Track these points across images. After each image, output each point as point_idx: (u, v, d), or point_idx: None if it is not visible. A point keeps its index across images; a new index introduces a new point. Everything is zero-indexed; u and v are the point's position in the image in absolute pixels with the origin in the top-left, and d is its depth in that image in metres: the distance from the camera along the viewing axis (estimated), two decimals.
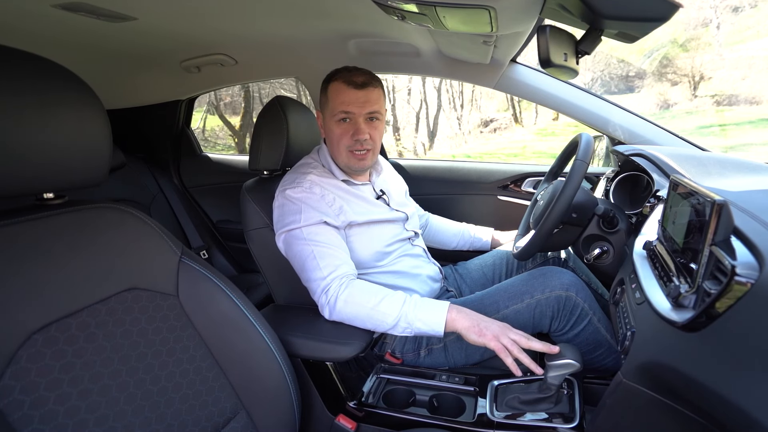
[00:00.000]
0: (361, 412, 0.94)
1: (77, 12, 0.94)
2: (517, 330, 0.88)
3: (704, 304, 0.51)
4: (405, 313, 0.91)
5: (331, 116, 1.05)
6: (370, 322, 0.93)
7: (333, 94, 1.04)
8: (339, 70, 1.05)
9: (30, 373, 0.55)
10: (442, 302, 0.94)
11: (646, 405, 0.64)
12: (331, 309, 0.94)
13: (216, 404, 0.73)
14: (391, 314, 0.91)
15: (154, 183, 1.96)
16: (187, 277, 0.75)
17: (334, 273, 0.95)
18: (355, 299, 0.93)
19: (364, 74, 1.04)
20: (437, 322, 0.90)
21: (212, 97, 8.16)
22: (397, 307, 0.91)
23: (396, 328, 0.92)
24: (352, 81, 1.02)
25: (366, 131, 1.04)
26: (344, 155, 1.07)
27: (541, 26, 0.76)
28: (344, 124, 1.04)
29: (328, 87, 1.05)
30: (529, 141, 10.83)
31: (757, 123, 8.66)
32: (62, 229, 0.64)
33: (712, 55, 11.53)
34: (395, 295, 0.94)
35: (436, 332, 0.90)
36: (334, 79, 1.04)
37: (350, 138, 1.04)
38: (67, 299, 0.61)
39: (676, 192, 0.67)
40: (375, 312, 0.92)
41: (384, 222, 1.14)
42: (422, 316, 0.91)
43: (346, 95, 1.02)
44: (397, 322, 0.91)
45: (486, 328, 0.88)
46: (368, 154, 1.08)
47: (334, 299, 0.94)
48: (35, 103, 0.57)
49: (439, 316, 0.90)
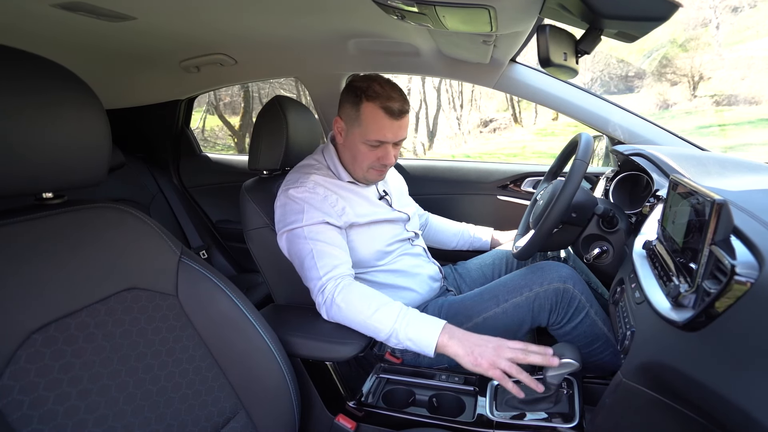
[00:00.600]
0: (360, 412, 0.94)
1: (77, 12, 0.94)
2: (513, 344, 0.84)
3: (704, 303, 0.51)
4: (396, 329, 0.88)
5: (362, 137, 1.02)
6: (365, 331, 0.92)
7: (369, 117, 1.00)
8: (373, 87, 1.00)
9: (29, 373, 0.55)
10: (437, 322, 0.89)
11: (645, 405, 0.64)
12: (328, 309, 0.94)
13: (215, 404, 0.73)
14: (383, 329, 0.89)
15: (154, 183, 1.96)
16: (187, 276, 0.75)
17: (330, 273, 0.95)
18: (351, 305, 0.92)
19: (400, 98, 1.01)
20: (427, 344, 0.86)
21: (212, 97, 8.16)
22: (391, 321, 0.89)
23: (389, 341, 0.90)
24: (390, 109, 0.99)
25: (393, 156, 1.05)
26: (364, 171, 1.07)
27: (540, 26, 0.76)
28: (374, 149, 1.04)
29: (362, 106, 1.00)
30: (528, 141, 10.83)
31: (757, 123, 8.67)
32: (61, 229, 0.64)
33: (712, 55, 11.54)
34: (391, 306, 0.91)
35: (425, 353, 0.87)
36: (370, 98, 0.99)
37: (377, 161, 1.05)
38: (66, 299, 0.61)
39: (676, 192, 0.67)
40: (370, 321, 0.90)
41: (385, 222, 1.14)
42: (413, 335, 0.87)
43: (383, 123, 1.00)
44: (389, 336, 0.89)
45: (481, 355, 0.82)
46: (386, 170, 1.10)
47: (330, 300, 0.93)
48: (34, 102, 0.57)
49: (429, 337, 0.86)
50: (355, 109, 1.01)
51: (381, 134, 1.01)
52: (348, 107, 1.03)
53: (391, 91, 1.00)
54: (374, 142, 1.02)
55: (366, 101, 1.00)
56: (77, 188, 0.65)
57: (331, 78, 1.64)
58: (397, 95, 1.00)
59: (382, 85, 1.01)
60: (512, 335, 1.04)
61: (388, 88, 1.00)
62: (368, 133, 1.01)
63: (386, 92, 1.00)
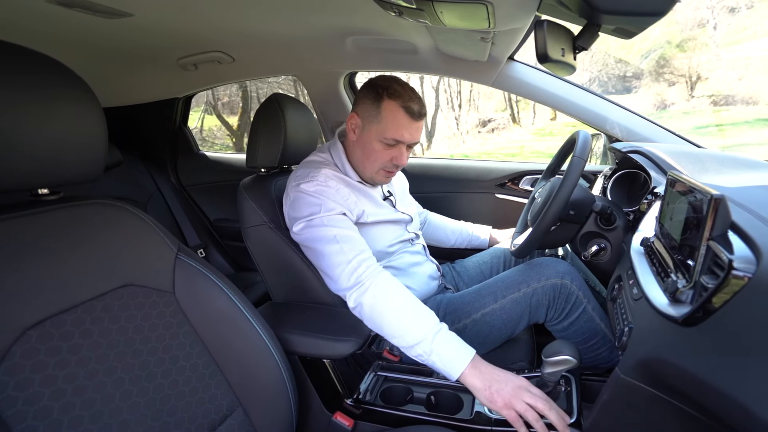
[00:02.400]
0: (358, 410, 0.94)
1: (72, 8, 0.94)
2: (536, 390, 0.80)
3: (701, 298, 0.51)
4: (428, 339, 0.84)
5: (379, 135, 1.02)
6: (392, 327, 0.88)
7: (389, 115, 1.00)
8: (394, 86, 1.00)
9: (24, 369, 0.54)
10: (469, 349, 0.86)
11: (644, 401, 0.64)
12: (360, 295, 0.90)
13: (212, 401, 0.73)
14: (416, 332, 0.85)
15: (151, 181, 1.96)
16: (184, 273, 0.75)
17: (361, 257, 0.93)
18: (390, 296, 0.89)
19: (419, 101, 1.02)
20: (454, 366, 0.83)
21: (210, 97, 8.16)
22: (427, 328, 0.86)
23: (411, 348, 0.86)
24: (411, 109, 1.00)
25: (406, 157, 1.06)
26: (374, 171, 1.07)
27: (538, 21, 0.75)
28: (390, 148, 1.04)
29: (383, 103, 1.00)
30: (527, 141, 10.85)
31: (754, 123, 8.71)
32: (57, 225, 0.63)
33: (709, 56, 11.58)
34: (430, 314, 0.89)
35: (448, 375, 0.84)
36: (392, 96, 0.99)
37: (389, 161, 1.05)
38: (62, 295, 0.60)
39: (674, 189, 0.67)
40: (405, 319, 0.87)
41: (389, 223, 1.14)
42: (444, 352, 0.84)
43: (402, 122, 1.00)
44: (417, 343, 0.85)
45: (497, 392, 0.80)
46: (395, 173, 1.11)
47: (367, 285, 0.90)
48: (30, 97, 0.56)
49: (460, 361, 0.83)
50: (376, 105, 1.01)
51: (399, 133, 1.01)
52: (367, 104, 1.03)
53: (411, 93, 1.02)
54: (391, 140, 1.02)
55: (388, 98, 1.00)
56: (73, 184, 0.65)
57: (329, 76, 1.64)
58: (416, 97, 1.02)
59: (402, 86, 1.02)
60: (510, 331, 1.04)
61: (408, 89, 1.02)
62: (387, 130, 1.01)
63: (407, 93, 1.01)
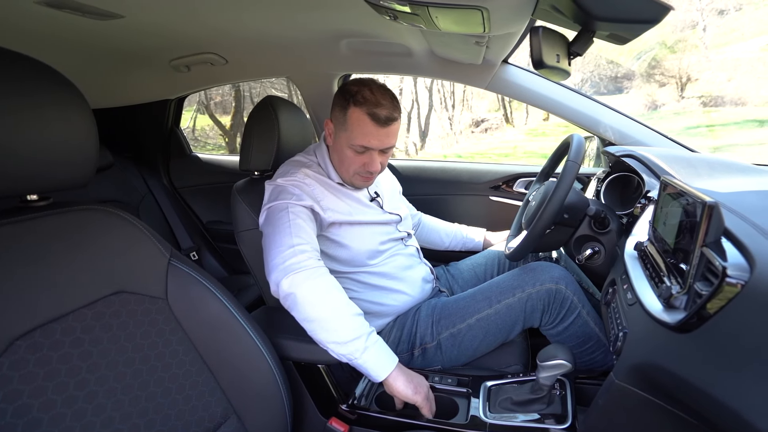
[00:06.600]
0: (353, 415, 0.94)
1: (62, 9, 0.92)
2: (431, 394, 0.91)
3: (696, 305, 0.51)
4: (360, 339, 0.86)
5: (347, 142, 1.01)
6: (320, 325, 0.86)
7: (354, 123, 0.99)
8: (363, 92, 0.98)
9: (12, 381, 0.53)
10: (392, 352, 0.90)
11: (638, 405, 0.64)
12: (296, 283, 0.87)
13: (206, 409, 0.72)
14: (348, 332, 0.85)
15: (143, 183, 1.94)
16: (177, 279, 0.74)
17: (306, 246, 0.91)
18: (324, 290, 0.88)
19: (390, 105, 0.99)
20: (385, 367, 0.87)
21: (202, 96, 8.09)
22: (361, 330, 0.87)
23: (343, 345, 0.85)
24: (377, 116, 0.97)
25: (378, 162, 1.04)
26: (350, 175, 1.06)
27: (533, 27, 0.76)
28: (360, 155, 1.03)
29: (349, 111, 0.99)
30: (520, 141, 10.91)
31: (743, 124, 8.84)
32: (47, 232, 0.62)
33: (699, 57, 11.73)
34: (362, 318, 0.90)
35: (375, 374, 0.87)
36: (357, 104, 0.98)
37: (362, 167, 1.04)
38: (51, 304, 0.59)
39: (667, 193, 0.67)
40: (339, 316, 0.87)
41: (376, 224, 1.13)
42: (376, 352, 0.87)
43: (368, 130, 0.98)
44: (348, 341, 0.85)
45: (419, 385, 0.89)
46: (373, 177, 1.09)
47: (305, 275, 0.87)
48: (18, 102, 0.55)
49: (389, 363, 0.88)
50: (343, 113, 1.01)
51: (366, 140, 1.00)
52: (337, 110, 1.03)
53: (381, 98, 0.98)
54: (359, 147, 1.01)
55: (353, 106, 0.98)
56: (63, 189, 0.63)
57: (323, 78, 1.63)
58: (387, 102, 0.99)
59: (373, 91, 0.99)
60: (505, 335, 1.04)
61: (379, 94, 0.99)
62: (353, 138, 1.00)
63: (375, 98, 0.98)
